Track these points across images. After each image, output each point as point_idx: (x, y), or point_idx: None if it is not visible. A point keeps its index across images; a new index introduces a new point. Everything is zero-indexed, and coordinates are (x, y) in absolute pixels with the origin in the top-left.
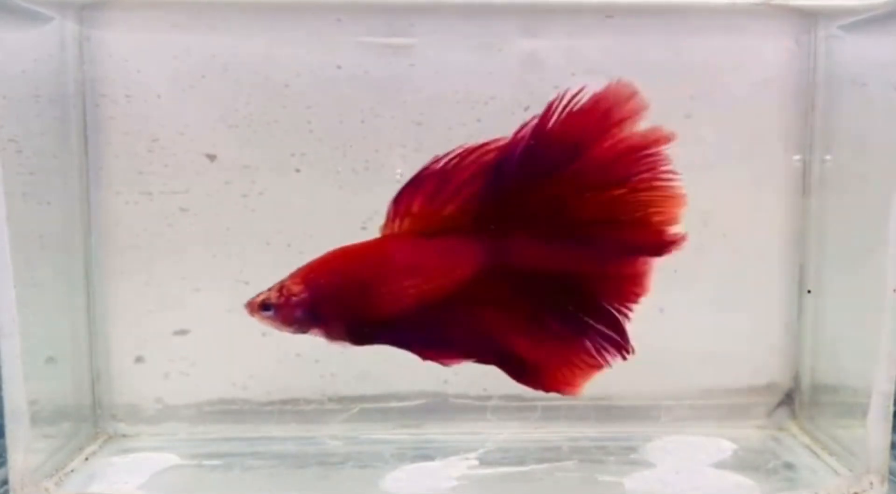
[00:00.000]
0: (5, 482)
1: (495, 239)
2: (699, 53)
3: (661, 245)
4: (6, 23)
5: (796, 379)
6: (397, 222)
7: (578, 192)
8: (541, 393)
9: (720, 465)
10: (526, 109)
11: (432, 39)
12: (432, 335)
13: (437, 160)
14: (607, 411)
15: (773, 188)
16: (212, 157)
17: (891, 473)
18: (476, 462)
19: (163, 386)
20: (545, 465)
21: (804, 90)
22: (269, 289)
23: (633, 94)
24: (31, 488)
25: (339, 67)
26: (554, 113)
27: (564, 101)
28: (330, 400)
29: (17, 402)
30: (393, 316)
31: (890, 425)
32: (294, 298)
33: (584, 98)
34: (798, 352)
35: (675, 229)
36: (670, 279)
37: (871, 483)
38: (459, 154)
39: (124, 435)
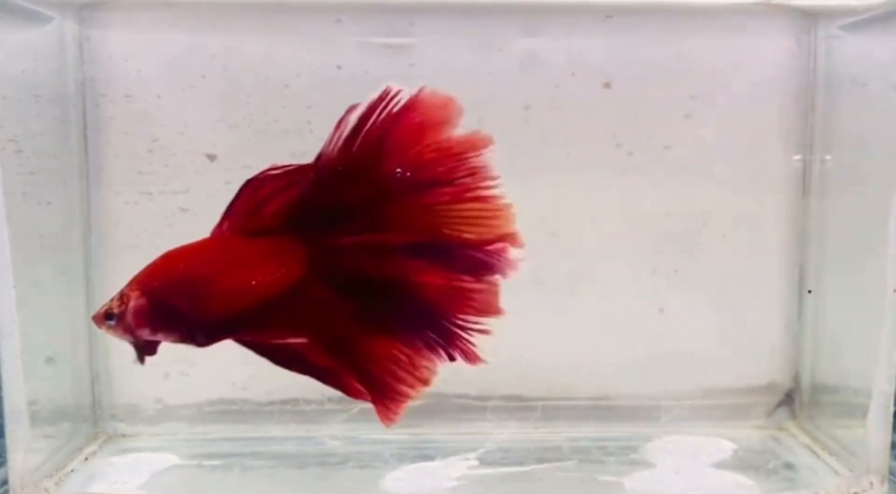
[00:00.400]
0: (5, 482)
1: (316, 241)
2: (699, 53)
3: (488, 260)
4: (6, 22)
5: (796, 379)
6: (224, 223)
7: (400, 196)
8: (541, 393)
9: (720, 465)
10: (526, 109)
11: (432, 39)
12: (261, 339)
13: (271, 167)
14: (607, 411)
15: (773, 188)
16: (212, 157)
17: (891, 473)
18: (476, 462)
19: (162, 386)
20: (545, 465)
21: (804, 90)
22: (111, 299)
23: (447, 100)
24: (31, 488)
25: (339, 67)
26: (372, 115)
27: (383, 103)
28: (330, 400)
29: (16, 402)
30: (226, 318)
31: (890, 425)
32: (132, 304)
33: (403, 101)
34: (798, 352)
35: (508, 249)
36: (670, 279)
37: (871, 483)
38: (284, 166)
39: (124, 435)
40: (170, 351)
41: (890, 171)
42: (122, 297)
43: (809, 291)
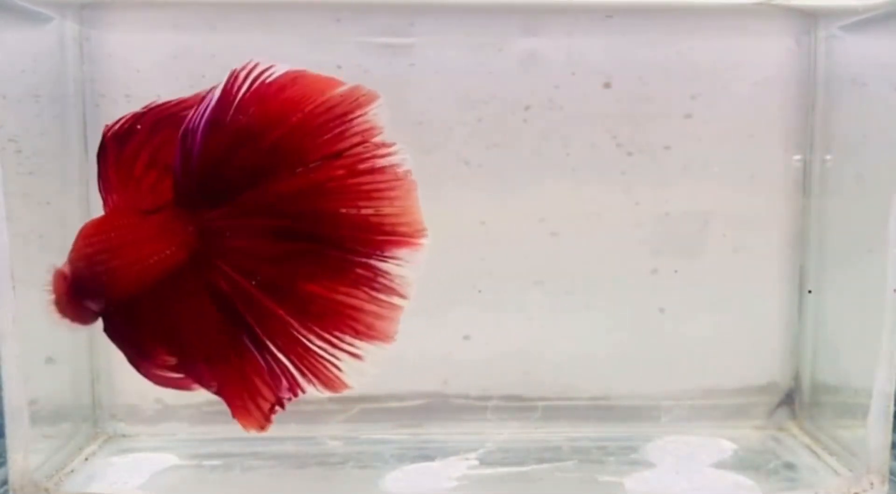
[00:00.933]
0: (5, 482)
1: (202, 219)
2: (699, 53)
3: (385, 268)
4: (6, 23)
5: (796, 379)
6: (109, 198)
7: (289, 173)
8: (541, 393)
9: (720, 465)
10: (526, 109)
11: (432, 39)
12: (134, 330)
13: (106, 128)
14: (607, 411)
15: (773, 188)
16: None
17: (891, 473)
18: (476, 462)
19: None
20: (545, 465)
21: (804, 90)
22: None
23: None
24: (30, 488)
25: (339, 67)
26: (242, 82)
27: (255, 72)
28: (330, 400)
29: (17, 402)
30: (122, 296)
31: (890, 425)
32: (60, 281)
33: (277, 72)
34: (798, 352)
35: (403, 250)
36: (670, 279)
37: (872, 483)
38: (130, 117)
39: (124, 435)
40: None
41: (890, 171)
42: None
43: (809, 291)
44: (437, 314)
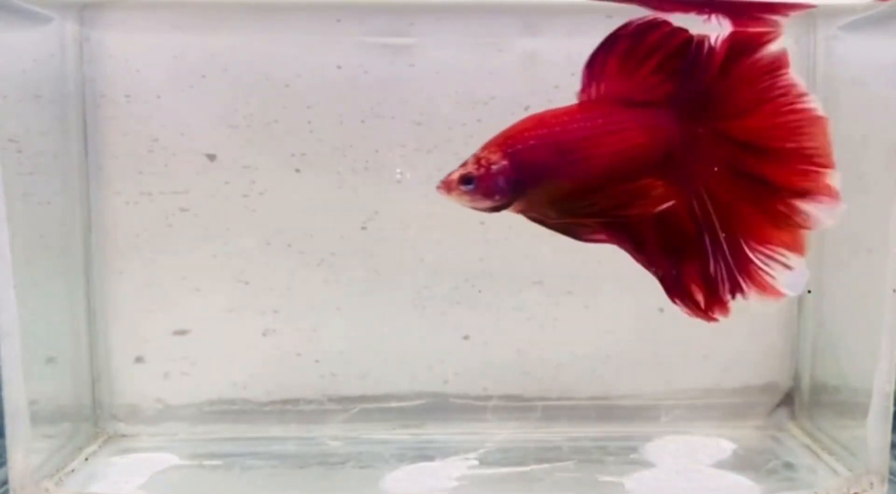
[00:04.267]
0: (5, 482)
1: (690, 124)
2: None
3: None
4: (6, 23)
5: (796, 378)
6: (593, 87)
7: (746, 107)
8: (541, 393)
9: (720, 465)
10: (526, 109)
11: (432, 39)
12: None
13: (630, 22)
14: (607, 411)
15: None
16: (212, 157)
17: (891, 473)
18: (476, 463)
19: (163, 385)
20: (545, 465)
21: None
22: (464, 164)
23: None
24: (31, 488)
25: (339, 67)
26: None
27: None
28: (330, 400)
29: (17, 402)
30: (585, 186)
31: (890, 425)
32: (494, 167)
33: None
34: (797, 352)
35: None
36: None
37: (871, 483)
38: (650, 21)
39: (124, 435)
40: (170, 350)
41: (890, 171)
42: (479, 160)
43: (809, 291)
44: (437, 314)
